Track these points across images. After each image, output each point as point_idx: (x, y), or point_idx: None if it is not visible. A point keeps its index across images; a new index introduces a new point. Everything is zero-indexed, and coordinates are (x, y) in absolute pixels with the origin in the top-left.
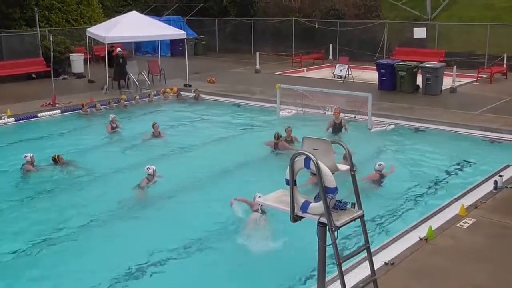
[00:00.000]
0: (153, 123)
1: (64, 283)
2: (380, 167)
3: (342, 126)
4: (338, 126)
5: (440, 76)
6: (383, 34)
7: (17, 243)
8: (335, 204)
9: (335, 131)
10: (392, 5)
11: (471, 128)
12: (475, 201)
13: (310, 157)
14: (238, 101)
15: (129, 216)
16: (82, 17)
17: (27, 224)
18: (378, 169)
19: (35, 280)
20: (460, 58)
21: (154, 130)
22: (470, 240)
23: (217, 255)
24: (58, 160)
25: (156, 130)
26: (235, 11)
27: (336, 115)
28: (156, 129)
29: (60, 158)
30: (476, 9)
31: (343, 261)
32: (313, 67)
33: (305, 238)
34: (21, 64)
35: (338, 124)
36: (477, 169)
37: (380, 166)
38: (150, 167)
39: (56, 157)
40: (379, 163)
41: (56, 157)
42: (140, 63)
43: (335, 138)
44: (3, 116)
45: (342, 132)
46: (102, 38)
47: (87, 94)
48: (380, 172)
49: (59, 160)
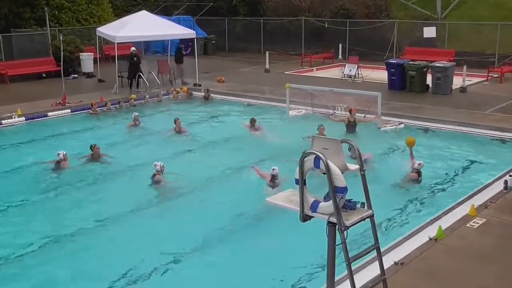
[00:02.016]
0: (175, 119)
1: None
2: (419, 166)
3: (356, 125)
4: (352, 124)
5: (450, 76)
6: (393, 33)
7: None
8: (345, 204)
9: (350, 130)
10: (402, 4)
11: (481, 127)
12: (485, 201)
13: (320, 157)
14: (248, 101)
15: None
16: (92, 17)
17: (40, 223)
18: (417, 168)
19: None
20: (470, 57)
21: (176, 126)
22: (480, 241)
23: (230, 252)
24: (93, 150)
25: (178, 126)
26: (244, 10)
27: (350, 113)
28: (178, 125)
29: (96, 148)
30: (486, 8)
31: (353, 260)
32: (322, 67)
33: (314, 237)
34: (32, 63)
35: (353, 122)
36: (487, 169)
37: (420, 165)
38: (157, 163)
39: (93, 146)
40: (419, 162)
41: (93, 146)
42: (150, 63)
43: (349, 136)
44: (14, 115)
45: (356, 132)
46: (112, 37)
47: (97, 94)
48: (418, 171)
49: (95, 150)
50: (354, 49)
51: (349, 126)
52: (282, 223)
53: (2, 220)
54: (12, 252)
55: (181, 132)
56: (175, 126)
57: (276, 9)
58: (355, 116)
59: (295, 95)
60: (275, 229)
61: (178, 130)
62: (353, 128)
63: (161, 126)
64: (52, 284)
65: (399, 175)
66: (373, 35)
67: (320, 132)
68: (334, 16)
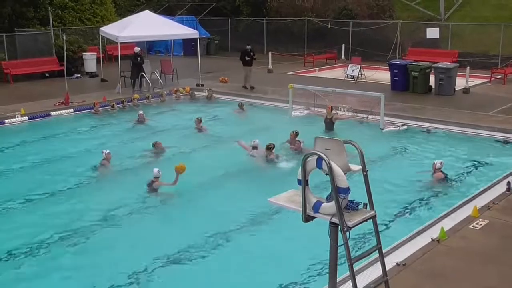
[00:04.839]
0: (196, 118)
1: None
2: (441, 165)
3: (333, 122)
4: (329, 122)
5: (453, 77)
6: (396, 34)
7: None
8: (347, 205)
9: (328, 127)
10: (405, 5)
11: (484, 129)
12: (488, 202)
13: (322, 157)
14: (251, 101)
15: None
16: (95, 16)
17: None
18: (440, 167)
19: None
20: (474, 58)
21: (196, 124)
22: (482, 242)
23: (232, 251)
24: (156, 146)
25: (198, 124)
26: (247, 10)
27: (328, 111)
28: (198, 123)
29: (158, 144)
30: (490, 9)
31: (355, 261)
32: (325, 67)
33: (316, 237)
34: (35, 63)
35: (330, 119)
36: (490, 170)
37: (441, 164)
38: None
39: (155, 143)
40: (440, 161)
41: (155, 143)
42: (153, 63)
43: (328, 134)
44: (17, 114)
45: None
46: (115, 37)
47: (99, 93)
48: (440, 170)
49: (157, 146)
50: (357, 50)
51: (327, 123)
52: (284, 224)
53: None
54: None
55: (202, 130)
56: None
57: (279, 10)
58: (332, 113)
59: (298, 96)
60: (277, 229)
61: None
62: (331, 126)
63: (164, 125)
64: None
65: (401, 176)
66: (376, 35)
67: (291, 138)
68: (337, 16)
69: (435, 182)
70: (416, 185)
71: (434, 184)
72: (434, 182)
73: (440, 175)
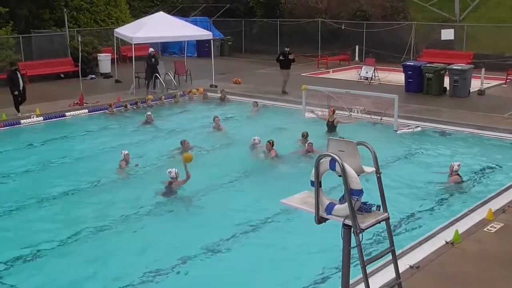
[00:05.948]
0: (214, 116)
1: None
2: (459, 168)
3: (335, 125)
4: (330, 125)
5: (468, 78)
6: (410, 35)
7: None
8: (360, 206)
9: (330, 130)
10: (420, 6)
11: (499, 131)
12: (503, 205)
13: (336, 159)
14: (264, 102)
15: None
16: (109, 18)
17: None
18: (457, 170)
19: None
20: (489, 60)
21: (215, 123)
22: (497, 245)
23: (245, 252)
24: (184, 145)
25: (217, 123)
26: (261, 12)
27: (330, 114)
28: (217, 122)
29: (186, 143)
30: (505, 10)
31: (368, 263)
32: (339, 69)
33: (329, 239)
34: (50, 64)
35: (332, 122)
36: (505, 173)
37: (459, 167)
38: (171, 170)
39: (183, 142)
40: (458, 163)
41: (183, 142)
42: (167, 64)
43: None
44: (32, 115)
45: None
46: (129, 38)
47: (114, 94)
48: (457, 173)
49: (185, 144)
50: (371, 51)
51: (329, 126)
52: (297, 225)
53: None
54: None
55: (220, 129)
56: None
57: (293, 11)
58: (334, 116)
59: (311, 97)
60: (290, 231)
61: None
62: (333, 128)
63: (174, 126)
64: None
65: (415, 178)
66: (390, 37)
67: (215, 122)
68: (351, 18)
69: (449, 184)
70: (430, 187)
71: (449, 186)
72: (449, 184)
73: (457, 178)
